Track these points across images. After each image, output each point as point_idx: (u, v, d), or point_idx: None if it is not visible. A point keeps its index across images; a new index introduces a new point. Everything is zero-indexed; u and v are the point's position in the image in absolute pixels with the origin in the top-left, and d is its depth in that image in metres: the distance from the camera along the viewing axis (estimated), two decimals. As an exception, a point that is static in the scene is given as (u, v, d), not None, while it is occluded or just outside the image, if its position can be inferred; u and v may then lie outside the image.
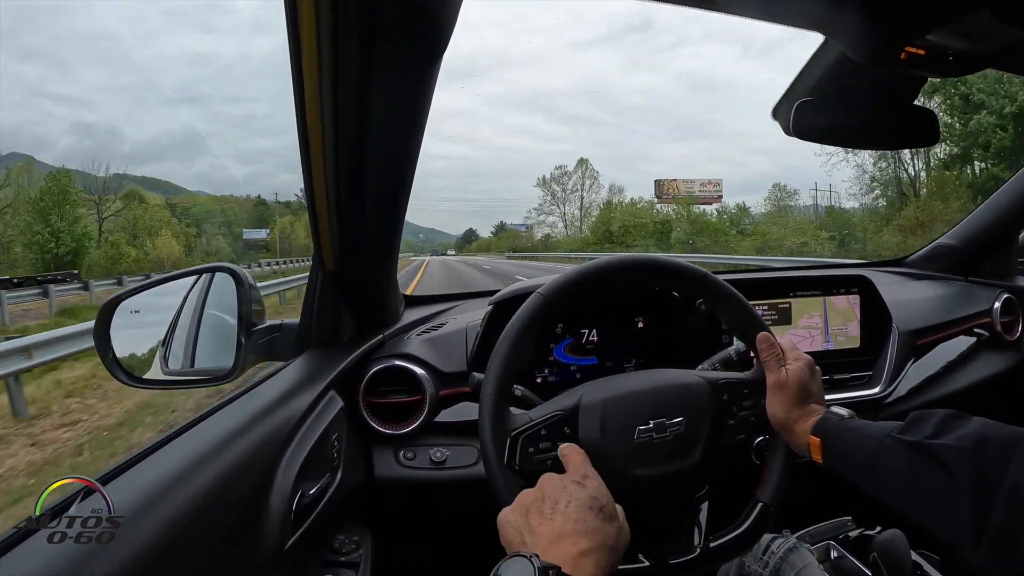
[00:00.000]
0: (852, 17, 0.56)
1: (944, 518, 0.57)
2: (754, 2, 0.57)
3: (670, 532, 0.77)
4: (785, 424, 0.74)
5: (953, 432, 0.59)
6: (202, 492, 0.54)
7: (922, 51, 0.59)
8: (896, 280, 1.54)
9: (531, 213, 58.89)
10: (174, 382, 0.96)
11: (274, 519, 0.63)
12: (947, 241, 1.58)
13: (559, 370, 1.07)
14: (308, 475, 0.71)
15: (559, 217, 57.24)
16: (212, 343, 0.96)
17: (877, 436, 0.65)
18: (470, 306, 1.29)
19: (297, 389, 0.79)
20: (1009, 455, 0.54)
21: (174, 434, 0.62)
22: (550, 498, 0.58)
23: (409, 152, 0.76)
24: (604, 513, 0.58)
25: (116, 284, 16.72)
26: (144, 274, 21.64)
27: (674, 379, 0.78)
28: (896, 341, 1.20)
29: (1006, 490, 0.52)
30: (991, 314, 1.37)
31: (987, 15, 0.53)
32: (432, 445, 0.99)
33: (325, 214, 0.80)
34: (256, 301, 0.92)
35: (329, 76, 0.59)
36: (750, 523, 0.77)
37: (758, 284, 1.19)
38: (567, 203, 57.22)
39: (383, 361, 1.00)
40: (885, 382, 1.16)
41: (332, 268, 0.92)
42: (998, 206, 1.46)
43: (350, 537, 0.86)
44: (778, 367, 0.75)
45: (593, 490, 0.59)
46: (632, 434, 0.72)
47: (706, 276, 0.81)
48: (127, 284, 6.10)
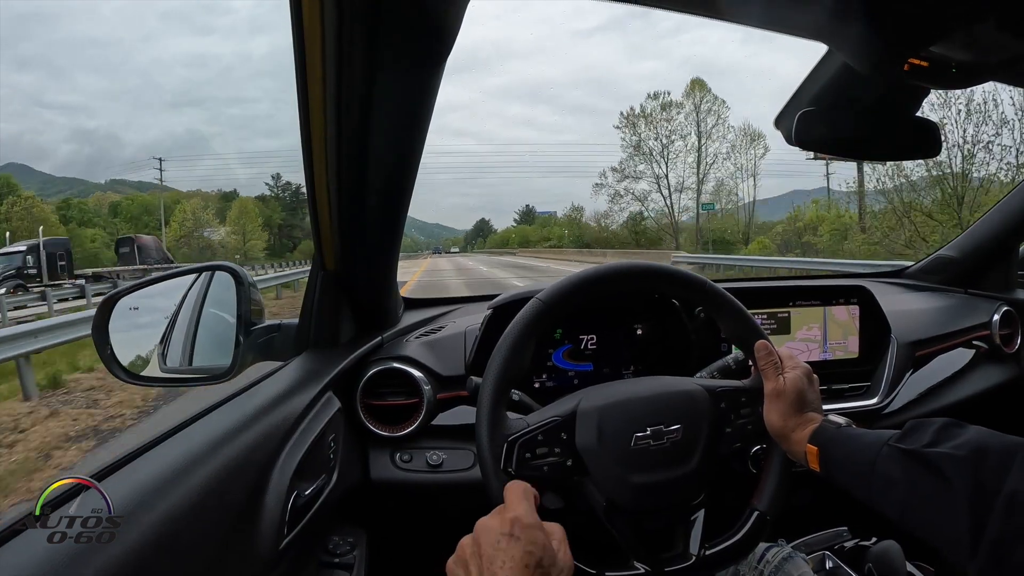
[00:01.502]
0: (855, 28, 0.57)
1: (940, 527, 0.57)
2: (758, 12, 0.57)
3: (666, 539, 0.77)
4: (782, 433, 0.74)
5: (950, 441, 0.59)
6: (198, 491, 0.54)
7: (925, 63, 0.59)
8: (896, 291, 1.54)
9: (607, 176, 37.24)
10: (172, 380, 0.96)
11: (269, 519, 0.63)
12: (947, 253, 1.58)
13: (557, 376, 1.07)
14: (304, 475, 0.71)
15: (652, 182, 35.67)
16: (211, 341, 0.96)
17: (874, 444, 0.65)
18: (469, 310, 1.29)
19: (295, 389, 0.79)
20: (1007, 465, 0.54)
21: (170, 431, 0.62)
22: (486, 556, 0.56)
23: (412, 153, 0.76)
24: (541, 568, 0.55)
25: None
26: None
27: (672, 386, 0.78)
28: (895, 352, 1.20)
29: (1003, 500, 0.52)
30: (990, 326, 1.37)
31: (991, 27, 0.53)
32: (429, 448, 0.99)
33: (327, 214, 0.80)
34: (255, 300, 0.92)
35: (333, 78, 0.60)
36: (746, 532, 0.77)
37: (758, 293, 1.19)
38: (669, 160, 35.06)
39: (381, 363, 1.00)
40: (883, 393, 1.16)
41: (332, 268, 0.92)
42: (998, 219, 1.46)
43: (345, 538, 0.86)
44: (776, 375, 0.75)
45: (526, 543, 0.55)
46: (629, 441, 0.72)
47: (706, 283, 0.81)
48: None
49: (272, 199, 51.45)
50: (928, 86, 0.71)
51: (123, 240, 28.89)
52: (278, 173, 52.97)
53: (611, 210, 38.57)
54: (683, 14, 0.58)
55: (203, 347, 0.97)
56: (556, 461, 0.71)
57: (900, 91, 0.77)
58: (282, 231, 50.05)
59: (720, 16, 0.58)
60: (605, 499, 0.72)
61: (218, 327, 0.93)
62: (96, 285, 16.71)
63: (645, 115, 35.39)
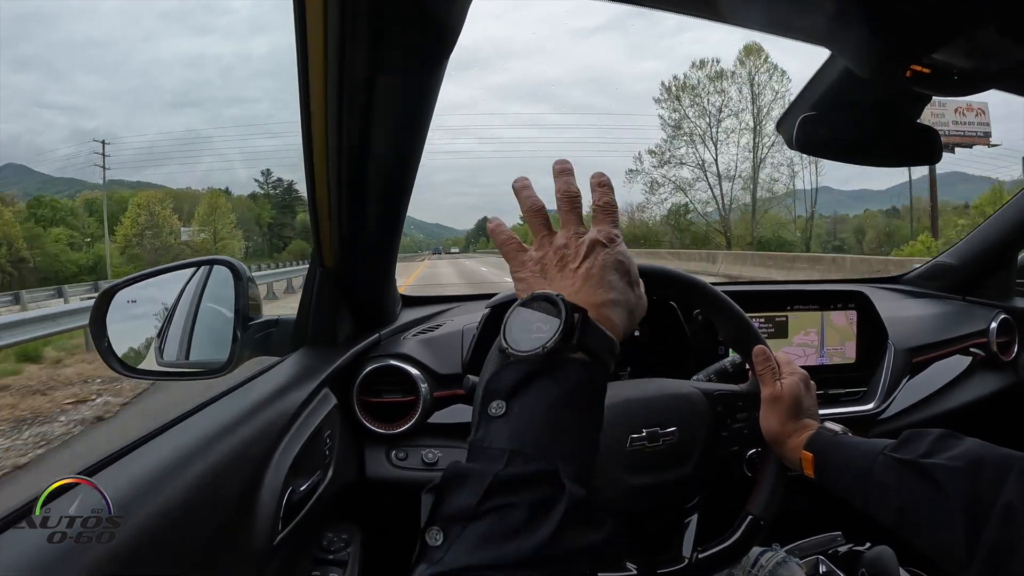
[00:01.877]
0: (858, 33, 0.57)
1: (936, 537, 0.57)
2: (760, 16, 0.57)
3: (659, 542, 0.77)
4: (778, 438, 0.74)
5: (946, 452, 0.59)
6: (192, 486, 0.54)
7: (927, 69, 0.59)
8: (894, 297, 1.54)
9: (642, 161, 30.29)
10: (168, 374, 0.96)
11: (264, 515, 0.63)
12: (946, 260, 1.58)
13: None
14: (299, 472, 0.71)
15: (698, 169, 29.33)
16: (208, 336, 0.96)
17: (870, 453, 0.65)
18: (467, 308, 1.29)
19: (291, 385, 0.79)
20: (1003, 477, 0.54)
21: (166, 426, 0.62)
22: (573, 252, 0.52)
23: (412, 152, 0.76)
24: (630, 277, 0.53)
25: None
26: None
27: (669, 389, 0.78)
28: (892, 358, 1.20)
29: (999, 511, 0.52)
30: (988, 334, 1.37)
31: (994, 34, 0.53)
32: (425, 446, 0.98)
33: (326, 212, 0.80)
34: (253, 295, 0.92)
35: (335, 75, 0.60)
36: (739, 536, 0.77)
37: (756, 296, 1.19)
38: (719, 142, 28.66)
39: (378, 360, 1.00)
40: (880, 398, 1.16)
41: (330, 265, 0.92)
42: (997, 227, 1.46)
43: (339, 535, 0.86)
44: (773, 381, 0.75)
45: (620, 254, 0.53)
46: (625, 442, 0.72)
47: (706, 286, 0.81)
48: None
49: (263, 196, 48.85)
50: (930, 93, 0.71)
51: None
52: (268, 169, 50.07)
53: (648, 202, 31.56)
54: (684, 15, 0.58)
55: (200, 341, 0.97)
56: None
57: (902, 96, 0.77)
58: (272, 230, 47.81)
59: (721, 19, 0.57)
60: (599, 500, 0.72)
61: (215, 322, 0.93)
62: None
63: (688, 87, 28.95)
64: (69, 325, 6.99)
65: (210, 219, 39.07)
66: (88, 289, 18.81)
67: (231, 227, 40.17)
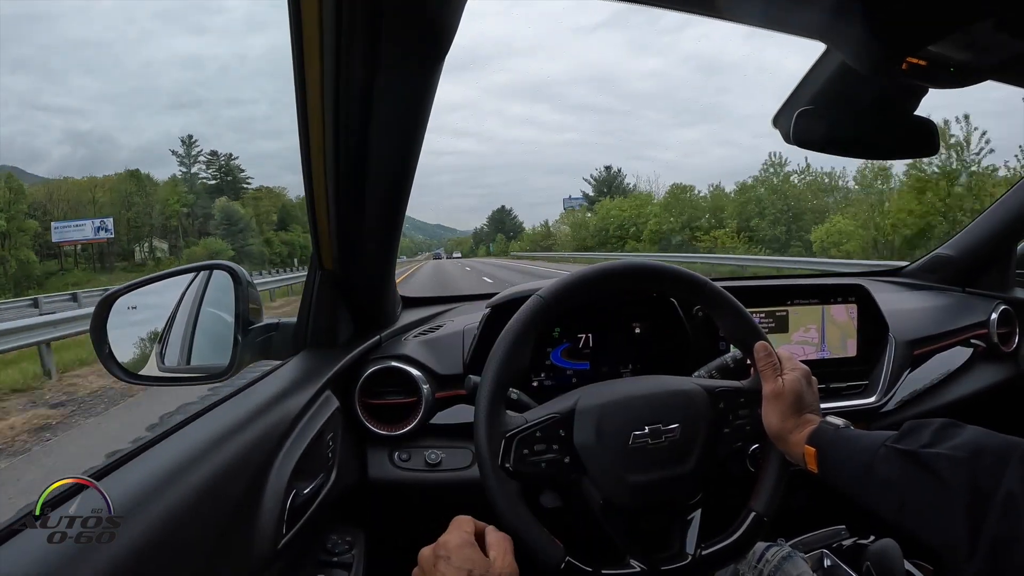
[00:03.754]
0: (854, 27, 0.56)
1: (938, 528, 0.57)
2: (757, 11, 0.57)
3: (662, 538, 0.77)
4: (780, 434, 0.74)
5: (948, 442, 0.59)
6: (195, 490, 0.54)
7: (924, 62, 0.59)
8: (894, 290, 1.54)
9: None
10: (169, 379, 0.96)
11: (267, 518, 0.63)
12: (945, 252, 1.58)
13: (555, 374, 1.07)
14: (302, 475, 0.71)
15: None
16: (209, 340, 0.96)
17: (871, 445, 0.65)
18: (468, 309, 1.29)
19: (293, 388, 0.79)
20: (1003, 465, 0.54)
21: (168, 431, 0.62)
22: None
23: (410, 152, 0.76)
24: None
25: None
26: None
27: (671, 385, 0.78)
28: (893, 351, 1.20)
29: (1000, 500, 0.52)
30: (988, 325, 1.38)
31: (991, 26, 0.53)
32: (427, 447, 0.98)
33: (324, 214, 0.80)
34: (254, 299, 0.92)
35: (331, 78, 0.59)
36: (742, 532, 0.77)
37: (756, 291, 1.19)
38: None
39: (379, 362, 1.00)
40: (881, 391, 1.16)
41: (330, 267, 0.92)
42: (997, 219, 1.46)
43: (343, 537, 0.86)
44: (775, 377, 0.75)
45: (459, 561, 0.60)
46: (627, 439, 0.72)
47: (706, 283, 0.81)
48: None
49: (181, 178, 36.67)
50: (927, 85, 0.71)
51: None
52: (189, 135, 39.46)
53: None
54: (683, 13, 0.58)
55: (201, 346, 0.97)
56: (554, 458, 0.71)
57: (899, 90, 0.77)
58: (185, 221, 35.65)
59: (718, 15, 0.57)
60: (602, 497, 0.72)
61: (216, 326, 0.93)
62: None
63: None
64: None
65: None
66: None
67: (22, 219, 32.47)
